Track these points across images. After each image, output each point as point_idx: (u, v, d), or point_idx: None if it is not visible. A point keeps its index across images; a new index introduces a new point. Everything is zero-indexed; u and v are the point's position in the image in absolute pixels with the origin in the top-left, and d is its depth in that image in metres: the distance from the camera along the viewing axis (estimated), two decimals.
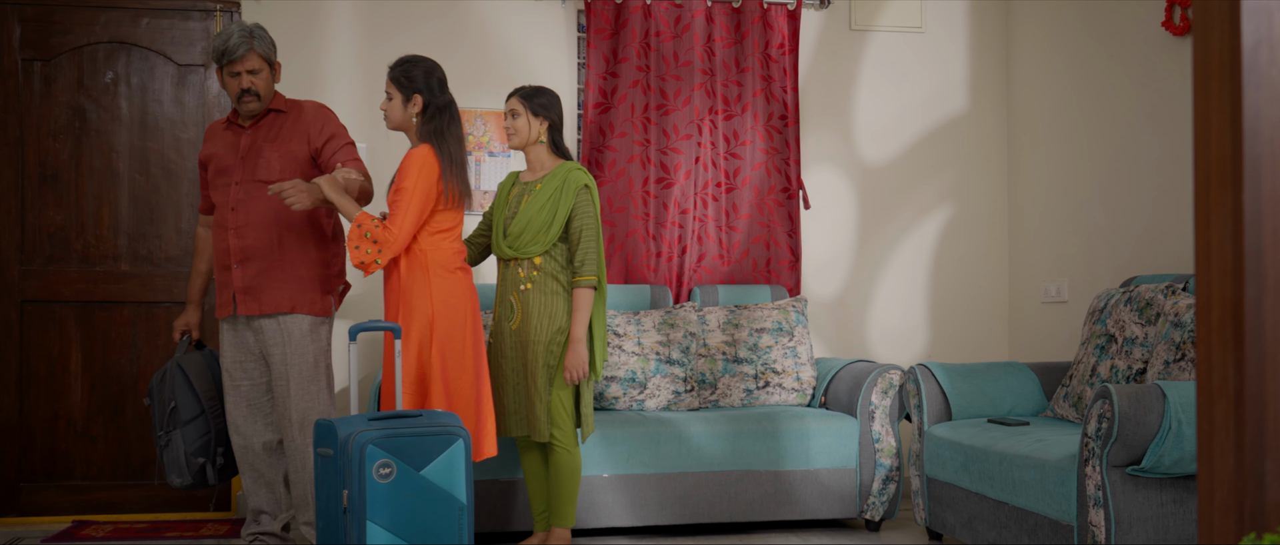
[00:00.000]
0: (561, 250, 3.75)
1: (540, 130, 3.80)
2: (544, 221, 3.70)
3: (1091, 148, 4.69)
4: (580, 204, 3.72)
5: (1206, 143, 1.53)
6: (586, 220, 3.72)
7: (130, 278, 4.68)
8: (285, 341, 3.69)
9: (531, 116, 3.78)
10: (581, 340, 3.69)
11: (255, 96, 3.73)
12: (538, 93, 3.81)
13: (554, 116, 3.81)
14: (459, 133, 3.57)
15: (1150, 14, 4.32)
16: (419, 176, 3.46)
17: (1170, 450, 2.93)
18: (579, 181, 3.74)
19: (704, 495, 4.22)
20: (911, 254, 5.27)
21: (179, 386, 3.81)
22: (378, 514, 2.97)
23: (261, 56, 3.72)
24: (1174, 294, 3.62)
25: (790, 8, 5.08)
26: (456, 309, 3.52)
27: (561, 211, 3.71)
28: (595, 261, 3.72)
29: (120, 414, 4.65)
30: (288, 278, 3.70)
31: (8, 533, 4.31)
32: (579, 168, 3.78)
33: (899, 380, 4.35)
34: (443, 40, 4.93)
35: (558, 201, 3.71)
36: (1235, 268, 1.48)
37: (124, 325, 4.67)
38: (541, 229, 3.70)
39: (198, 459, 3.79)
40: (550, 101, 3.81)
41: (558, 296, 3.72)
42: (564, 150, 3.85)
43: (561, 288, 3.74)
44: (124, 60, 4.70)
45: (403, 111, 3.59)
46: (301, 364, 3.68)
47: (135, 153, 4.69)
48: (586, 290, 3.71)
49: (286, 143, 3.73)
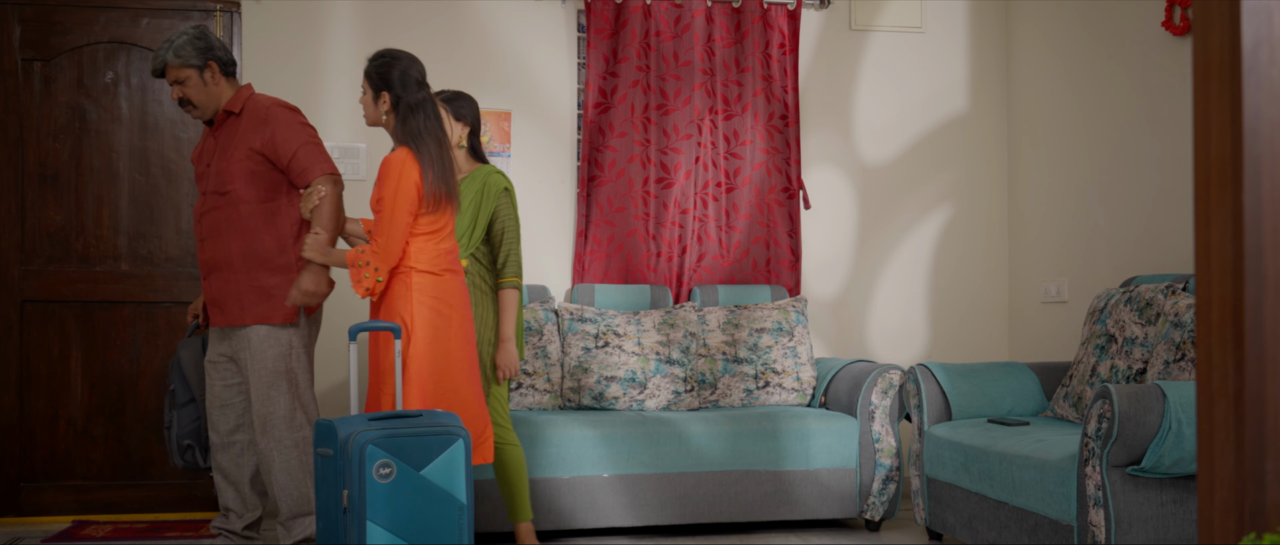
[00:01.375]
0: (485, 252, 3.81)
1: (460, 135, 3.85)
2: (466, 225, 3.76)
3: (1091, 148, 4.69)
4: (501, 207, 3.79)
5: (1206, 143, 1.53)
6: (508, 222, 3.79)
7: (130, 278, 4.67)
8: (247, 347, 3.70)
9: (453, 121, 3.82)
10: (511, 339, 3.75)
11: (191, 105, 3.74)
12: (456, 97, 3.85)
13: (471, 121, 3.85)
14: (438, 131, 3.48)
15: (1150, 14, 4.32)
16: (398, 183, 3.37)
17: (1170, 450, 2.93)
18: (499, 184, 3.80)
19: (704, 495, 4.22)
20: (911, 254, 5.27)
21: (175, 371, 3.87)
22: (378, 514, 2.97)
23: (181, 65, 3.70)
24: (1174, 294, 3.62)
25: (790, 8, 5.08)
26: (440, 313, 3.43)
27: (483, 215, 3.76)
28: (517, 262, 3.78)
29: (120, 414, 4.65)
30: (247, 288, 3.68)
31: (8, 533, 4.31)
32: (497, 171, 3.83)
33: (899, 380, 4.35)
34: (443, 40, 4.93)
35: (479, 205, 3.76)
36: (1235, 268, 1.48)
37: (124, 325, 4.67)
38: (464, 232, 3.76)
39: (185, 442, 3.83)
40: (468, 106, 3.85)
41: (486, 297, 3.79)
42: (481, 153, 3.90)
43: (488, 289, 3.79)
44: (124, 60, 4.70)
45: (374, 108, 3.54)
46: (260, 370, 3.69)
47: (135, 153, 4.69)
48: (511, 291, 3.77)
49: (235, 150, 3.69)
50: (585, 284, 4.88)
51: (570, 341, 4.58)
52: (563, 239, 5.00)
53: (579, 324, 4.60)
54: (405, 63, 3.51)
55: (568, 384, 4.54)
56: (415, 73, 3.51)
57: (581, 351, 4.54)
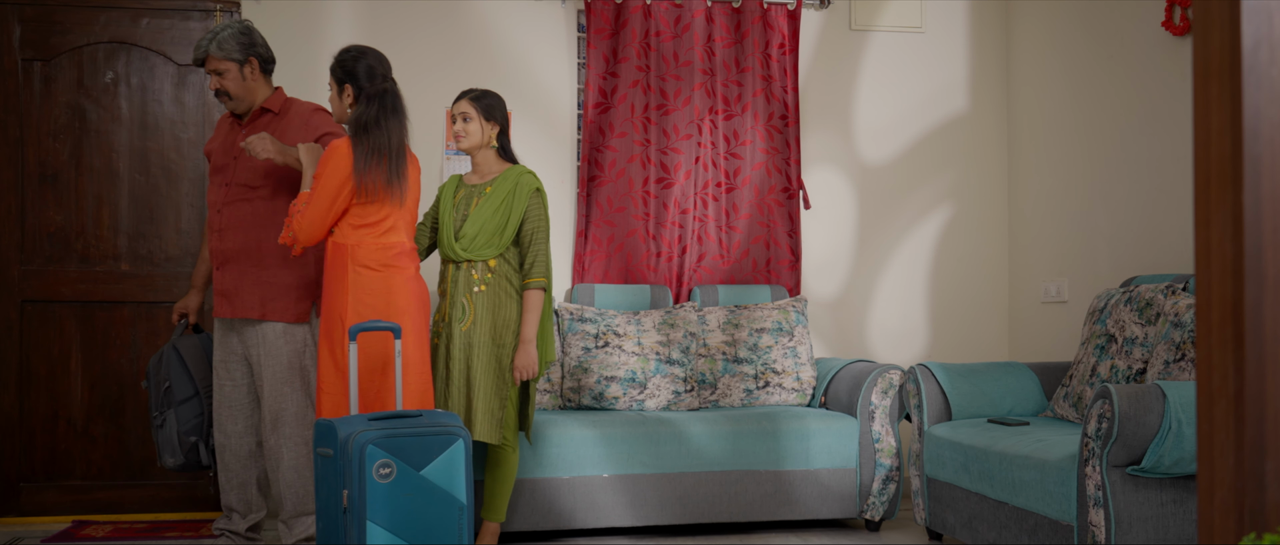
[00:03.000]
0: (514, 253, 3.80)
1: (491, 134, 3.82)
2: (497, 225, 3.74)
3: (1091, 148, 4.69)
4: (532, 208, 3.76)
5: (1206, 143, 1.53)
6: (538, 224, 3.77)
7: (130, 278, 4.67)
8: (261, 344, 3.72)
9: (484, 120, 3.80)
10: (531, 341, 3.73)
11: (227, 96, 3.79)
12: (487, 95, 3.83)
13: (502, 120, 3.84)
14: (390, 124, 3.48)
15: (1150, 14, 4.32)
16: (329, 169, 3.41)
17: (1170, 450, 2.93)
18: (531, 185, 3.78)
19: (704, 495, 4.22)
20: (911, 254, 5.27)
21: (173, 368, 3.86)
22: (378, 514, 2.97)
23: (223, 58, 3.73)
24: (1174, 294, 3.62)
25: (790, 8, 5.08)
26: (376, 309, 3.43)
27: (515, 216, 3.74)
28: (545, 264, 3.76)
29: (120, 414, 4.65)
30: (262, 282, 3.71)
31: (8, 532, 4.31)
32: (529, 172, 3.81)
33: (899, 380, 4.35)
34: (443, 40, 4.93)
35: (511, 206, 3.75)
36: (1235, 268, 1.48)
37: (124, 325, 4.66)
38: (495, 232, 3.74)
39: (190, 438, 3.85)
40: (499, 105, 3.84)
41: (512, 298, 3.77)
42: (511, 154, 3.88)
43: (514, 290, 3.78)
44: (124, 60, 4.69)
45: (340, 103, 3.57)
46: (275, 366, 3.71)
47: (135, 153, 4.69)
48: (537, 292, 3.75)
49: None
50: (585, 284, 4.88)
51: (570, 341, 4.58)
52: (563, 239, 5.00)
53: (579, 324, 4.60)
54: (371, 58, 3.55)
55: (568, 384, 4.54)
56: (381, 68, 3.54)
57: (581, 351, 4.54)
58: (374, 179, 3.42)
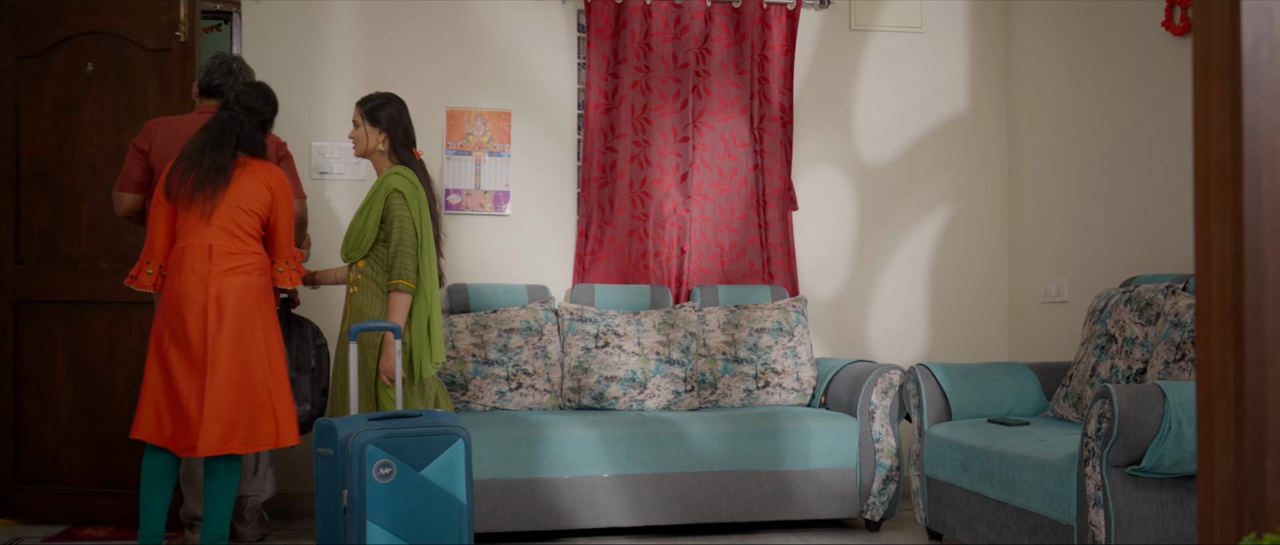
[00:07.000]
0: (385, 253, 3.75)
1: (378, 140, 3.80)
2: (357, 228, 3.75)
3: (1091, 148, 4.69)
4: (390, 208, 3.70)
5: (1206, 143, 1.53)
6: (393, 224, 3.69)
7: (108, 276, 4.42)
8: None
9: (369, 126, 3.80)
10: (391, 342, 3.66)
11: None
12: (373, 100, 3.82)
13: (391, 124, 3.80)
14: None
15: (1150, 14, 4.32)
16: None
17: (1170, 450, 2.92)
18: (390, 186, 3.71)
19: (704, 495, 4.21)
20: (911, 254, 5.27)
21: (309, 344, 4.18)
22: (378, 514, 2.97)
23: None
24: (1174, 294, 3.62)
25: (790, 8, 5.08)
26: (160, 312, 3.56)
27: (372, 217, 3.72)
28: (408, 265, 3.68)
29: (97, 420, 4.44)
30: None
31: (8, 532, 4.30)
32: (397, 172, 3.74)
33: (899, 380, 4.35)
34: (442, 40, 4.93)
35: (370, 208, 3.73)
36: (1235, 268, 1.48)
37: (101, 327, 4.44)
38: (356, 235, 3.75)
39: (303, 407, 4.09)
40: (387, 108, 3.81)
41: (379, 300, 3.74)
42: (404, 157, 3.82)
43: (381, 291, 3.75)
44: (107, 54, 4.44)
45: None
46: None
47: (110, 148, 4.43)
48: (399, 294, 3.68)
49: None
50: (585, 284, 4.88)
51: (570, 341, 4.57)
52: (563, 239, 5.00)
53: (579, 324, 4.60)
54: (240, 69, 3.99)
55: (568, 384, 4.54)
56: (247, 75, 3.99)
57: (581, 351, 4.54)
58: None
